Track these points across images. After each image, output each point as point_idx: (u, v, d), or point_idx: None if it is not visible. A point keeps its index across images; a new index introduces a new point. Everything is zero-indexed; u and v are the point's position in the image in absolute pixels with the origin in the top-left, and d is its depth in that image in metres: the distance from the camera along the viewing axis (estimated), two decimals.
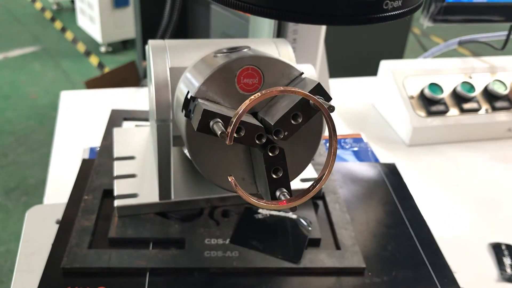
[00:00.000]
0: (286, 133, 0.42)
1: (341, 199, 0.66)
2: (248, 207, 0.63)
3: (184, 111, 0.44)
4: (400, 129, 0.90)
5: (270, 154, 0.43)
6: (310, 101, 0.40)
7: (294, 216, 0.62)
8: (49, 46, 3.18)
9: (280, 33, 0.74)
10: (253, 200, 0.40)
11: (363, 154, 0.81)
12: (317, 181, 0.42)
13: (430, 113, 0.87)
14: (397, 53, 1.93)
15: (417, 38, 2.55)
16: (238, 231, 0.59)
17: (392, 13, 0.39)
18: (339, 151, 0.81)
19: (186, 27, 2.01)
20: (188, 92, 0.44)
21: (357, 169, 0.75)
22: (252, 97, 0.38)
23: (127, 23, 2.96)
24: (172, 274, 0.54)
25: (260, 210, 0.62)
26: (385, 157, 0.83)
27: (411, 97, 0.88)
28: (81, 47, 3.19)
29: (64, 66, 2.94)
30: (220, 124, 0.40)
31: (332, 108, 0.39)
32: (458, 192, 0.77)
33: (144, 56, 2.20)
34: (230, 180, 0.39)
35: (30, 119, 2.39)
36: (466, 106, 0.89)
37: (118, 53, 3.14)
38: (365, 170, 0.75)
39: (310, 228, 0.60)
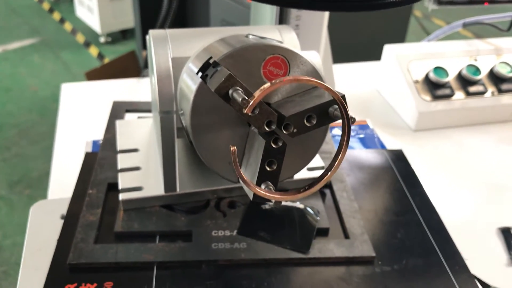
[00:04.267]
0: (294, 130, 0.41)
1: (349, 187, 0.65)
2: None
3: (200, 73, 0.43)
4: (406, 114, 0.89)
5: (273, 145, 0.42)
6: (329, 109, 0.41)
7: (301, 206, 0.61)
8: (48, 37, 3.16)
9: (282, 20, 0.73)
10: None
11: (370, 141, 0.80)
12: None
13: (436, 97, 0.86)
14: (399, 36, 1.91)
15: (418, 21, 2.52)
16: (245, 222, 0.59)
17: None
18: None
19: (185, 15, 1.99)
20: (210, 57, 0.43)
21: (364, 157, 0.74)
22: (284, 78, 0.38)
23: (125, 13, 2.94)
24: (179, 267, 0.54)
25: None
26: (390, 143, 0.82)
27: (416, 82, 0.87)
28: (80, 38, 3.16)
29: (63, 57, 2.92)
30: (240, 92, 0.39)
31: (353, 120, 0.40)
32: (465, 176, 0.77)
33: (143, 46, 2.18)
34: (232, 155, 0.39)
35: (31, 112, 2.38)
36: (472, 89, 0.88)
37: (118, 43, 3.12)
38: (372, 157, 0.74)
39: (318, 218, 0.60)
